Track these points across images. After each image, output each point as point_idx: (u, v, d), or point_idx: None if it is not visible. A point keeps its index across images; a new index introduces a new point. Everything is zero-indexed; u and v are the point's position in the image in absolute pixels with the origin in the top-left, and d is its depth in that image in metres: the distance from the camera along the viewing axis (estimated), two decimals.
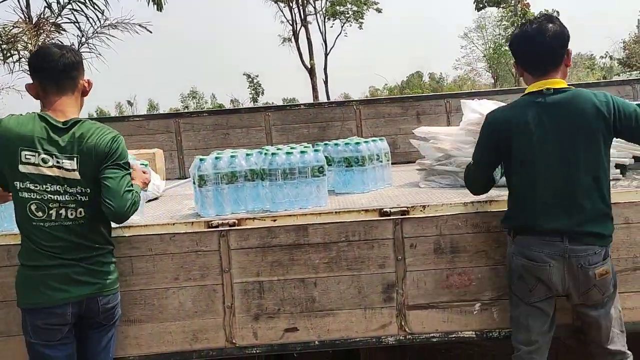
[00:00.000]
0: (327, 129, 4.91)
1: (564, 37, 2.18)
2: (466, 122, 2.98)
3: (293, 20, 24.94)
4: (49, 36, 9.18)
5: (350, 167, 3.01)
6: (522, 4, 22.82)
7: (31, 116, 2.11)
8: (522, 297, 2.25)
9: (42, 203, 2.06)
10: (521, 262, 2.21)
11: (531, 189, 2.17)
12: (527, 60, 2.23)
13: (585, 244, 2.12)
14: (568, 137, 2.12)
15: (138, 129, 4.97)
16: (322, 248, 2.47)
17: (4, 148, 2.05)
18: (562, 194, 2.13)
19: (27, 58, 8.82)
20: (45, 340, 2.08)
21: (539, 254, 2.16)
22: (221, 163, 2.64)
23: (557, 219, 2.13)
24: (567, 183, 2.13)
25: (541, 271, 2.17)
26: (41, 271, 2.07)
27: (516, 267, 2.24)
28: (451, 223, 2.47)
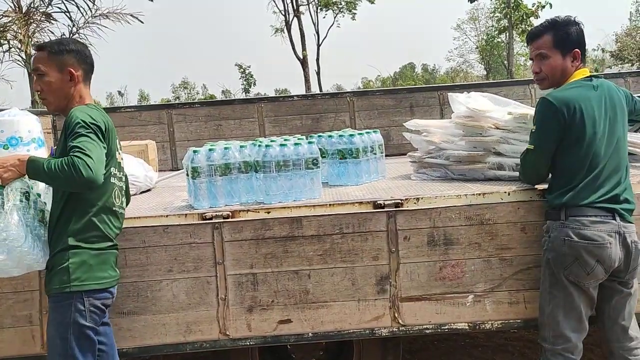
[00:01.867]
0: (320, 120, 4.89)
1: None
2: (455, 116, 2.98)
3: (285, 11, 24.79)
4: (39, 26, 9.07)
5: (344, 159, 3.01)
6: None
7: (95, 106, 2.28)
8: (577, 281, 2.25)
9: (119, 190, 2.25)
10: (579, 244, 2.22)
11: (587, 168, 2.24)
12: (585, 51, 2.42)
13: (629, 221, 2.26)
14: (614, 118, 2.30)
15: (130, 120, 4.93)
16: (315, 240, 2.48)
17: (112, 134, 2.21)
18: (613, 173, 2.26)
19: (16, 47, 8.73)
20: (94, 323, 2.12)
21: (599, 233, 2.20)
22: (214, 155, 2.62)
23: (611, 198, 2.23)
24: (616, 162, 2.27)
25: (602, 250, 2.20)
26: (106, 253, 2.17)
27: (571, 250, 2.23)
28: (444, 215, 2.48)
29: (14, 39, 8.69)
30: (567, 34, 2.37)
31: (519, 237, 2.47)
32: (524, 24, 22.76)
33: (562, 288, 2.29)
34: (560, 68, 2.38)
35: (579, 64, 2.39)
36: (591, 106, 2.26)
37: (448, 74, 46.21)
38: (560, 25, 2.41)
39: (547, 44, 2.38)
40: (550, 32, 2.39)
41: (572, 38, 2.38)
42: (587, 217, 2.22)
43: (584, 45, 2.41)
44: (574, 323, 2.28)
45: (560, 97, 2.28)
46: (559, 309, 2.29)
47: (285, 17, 24.84)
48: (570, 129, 2.25)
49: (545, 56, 2.39)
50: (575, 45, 2.38)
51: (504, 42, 29.03)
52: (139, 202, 3.03)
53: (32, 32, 8.97)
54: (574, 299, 2.27)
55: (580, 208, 2.23)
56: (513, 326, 2.59)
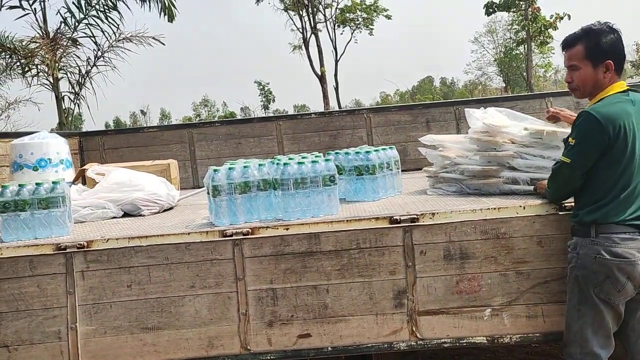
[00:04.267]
0: (338, 137, 4.97)
1: None
2: (472, 131, 3.02)
3: (303, 28, 25.12)
4: (66, 50, 9.37)
5: (361, 176, 3.07)
6: (533, 8, 22.76)
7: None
8: (608, 298, 2.23)
9: None
10: (609, 262, 2.19)
11: (621, 186, 2.20)
12: (622, 62, 2.34)
13: None
14: None
15: (153, 140, 5.07)
16: (333, 255, 2.53)
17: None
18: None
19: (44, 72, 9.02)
20: None
21: (629, 250, 2.17)
22: (234, 173, 2.71)
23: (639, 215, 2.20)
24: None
25: (633, 267, 2.17)
26: None
27: (602, 267, 2.20)
28: (460, 230, 2.51)
29: (41, 64, 9.00)
30: (599, 44, 2.29)
31: (535, 250, 2.49)
32: (543, 35, 22.66)
33: (592, 306, 2.25)
34: (591, 79, 2.31)
35: (612, 75, 2.30)
36: (632, 123, 2.20)
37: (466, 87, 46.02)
38: (593, 34, 2.32)
39: (579, 55, 2.32)
40: (582, 42, 2.32)
41: (604, 48, 2.29)
42: (618, 235, 2.19)
43: (619, 55, 2.31)
44: (602, 340, 2.26)
45: (606, 114, 2.20)
46: (588, 326, 2.27)
47: (303, 35, 25.15)
48: (613, 148, 2.19)
49: (576, 67, 2.33)
50: (607, 55, 2.28)
51: (523, 54, 28.89)
52: (162, 219, 3.12)
53: (59, 57, 9.28)
54: (603, 316, 2.24)
55: (610, 225, 2.20)
56: (532, 340, 2.59)
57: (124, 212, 3.34)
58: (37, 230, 2.73)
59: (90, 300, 2.53)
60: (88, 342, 2.53)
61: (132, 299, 2.53)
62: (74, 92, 9.71)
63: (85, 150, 5.11)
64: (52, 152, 3.94)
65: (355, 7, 26.53)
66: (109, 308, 2.53)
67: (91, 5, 9.38)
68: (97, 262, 2.53)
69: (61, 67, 9.42)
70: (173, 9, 9.78)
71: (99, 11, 9.41)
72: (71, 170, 4.11)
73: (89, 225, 3.10)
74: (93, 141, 5.15)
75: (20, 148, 3.90)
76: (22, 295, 2.53)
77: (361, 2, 26.50)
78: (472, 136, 2.99)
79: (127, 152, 5.01)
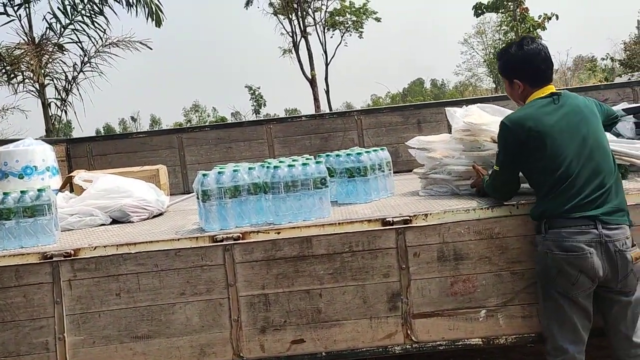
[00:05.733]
0: (329, 139, 4.94)
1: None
2: (455, 130, 3.00)
3: (293, 32, 25.13)
4: (51, 57, 9.28)
5: (353, 178, 3.03)
6: (521, 9, 22.92)
7: None
8: (565, 291, 2.25)
9: None
10: (560, 256, 2.22)
11: (558, 179, 2.26)
12: (537, 74, 2.41)
13: (616, 227, 2.21)
14: (583, 126, 2.31)
15: (142, 146, 5.02)
16: (326, 259, 2.49)
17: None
18: (591, 179, 2.24)
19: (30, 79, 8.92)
20: None
21: (577, 244, 2.20)
22: (224, 177, 2.66)
23: (589, 206, 2.22)
24: (593, 167, 2.26)
25: (582, 260, 2.19)
26: None
27: (554, 262, 2.24)
28: (454, 230, 2.48)
29: (27, 70, 8.90)
30: (503, 64, 2.50)
31: (529, 250, 2.46)
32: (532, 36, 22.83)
33: (553, 300, 2.29)
34: (511, 94, 2.51)
35: (526, 89, 2.42)
36: (548, 121, 2.30)
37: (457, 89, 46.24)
38: (501, 54, 2.53)
39: (499, 71, 2.55)
40: (498, 60, 2.54)
41: (507, 68, 2.47)
42: (566, 229, 2.22)
43: (525, 71, 2.42)
44: (569, 334, 2.27)
45: (514, 119, 2.36)
46: (553, 321, 2.31)
47: (293, 39, 25.17)
48: (528, 145, 2.30)
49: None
50: (512, 74, 2.44)
51: None
52: (151, 226, 3.07)
53: (44, 63, 9.18)
54: (565, 311, 2.26)
55: (558, 220, 2.24)
56: (527, 340, 2.56)
57: (112, 219, 3.28)
58: (22, 239, 2.67)
59: (78, 310, 2.48)
60: (76, 353, 2.48)
61: (121, 307, 2.48)
62: (61, 99, 9.61)
63: (72, 157, 5.05)
64: (38, 159, 3.88)
65: (344, 11, 26.61)
66: (98, 317, 2.48)
67: (77, 10, 9.30)
68: (84, 270, 2.48)
69: (47, 73, 9.31)
70: (160, 14, 9.72)
71: (85, 16, 9.33)
72: (58, 178, 4.05)
73: (77, 233, 3.04)
74: (81, 148, 5.09)
75: (5, 156, 3.83)
76: (7, 305, 2.47)
77: (350, 5, 26.57)
78: (455, 136, 2.97)
79: (115, 158, 4.95)
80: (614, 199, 2.25)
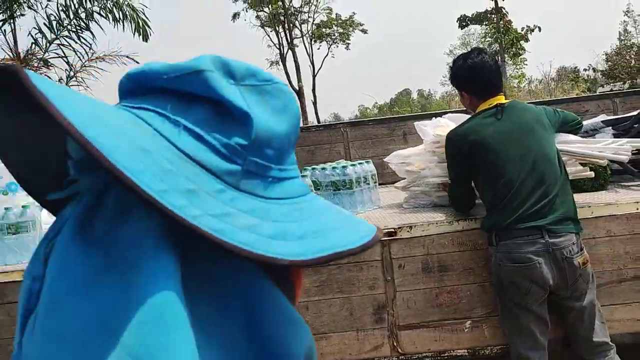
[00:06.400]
0: (315, 152, 4.95)
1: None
2: (426, 143, 3.02)
3: (280, 44, 25.25)
4: (37, 72, 9.24)
5: (338, 191, 3.06)
6: (505, 21, 23.29)
7: None
8: (519, 301, 2.27)
9: None
10: (510, 268, 2.24)
11: (502, 190, 2.29)
12: (483, 86, 2.47)
13: (563, 235, 2.22)
14: (527, 136, 2.35)
15: None
16: (312, 272, 2.50)
17: None
18: (535, 189, 2.26)
19: None
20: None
21: (526, 255, 2.21)
22: None
23: (534, 216, 2.23)
24: (538, 177, 2.28)
25: (532, 271, 2.21)
26: None
27: (505, 274, 2.26)
28: (438, 242, 2.51)
29: None
30: (452, 75, 2.57)
31: None
32: (515, 47, 23.17)
33: (508, 310, 2.32)
34: (464, 104, 2.60)
35: (474, 100, 2.49)
36: (490, 133, 2.35)
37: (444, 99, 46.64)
38: (451, 66, 2.59)
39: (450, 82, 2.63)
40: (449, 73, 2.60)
41: (456, 79, 2.55)
42: (514, 240, 2.24)
43: (472, 82, 2.48)
44: (528, 342, 2.28)
45: (457, 132, 2.45)
46: (514, 330, 2.33)
47: (280, 50, 25.28)
48: (472, 157, 2.37)
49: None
50: (460, 85, 2.53)
51: None
52: None
53: None
54: (522, 320, 2.28)
55: (506, 231, 2.26)
56: None
57: None
58: (6, 256, 2.65)
59: None
60: None
61: None
62: None
63: None
64: None
65: (331, 23, 26.81)
66: None
67: (63, 25, 9.29)
68: None
69: None
70: (147, 28, 9.73)
71: (71, 31, 9.31)
72: None
73: None
74: None
75: None
76: None
77: (337, 17, 26.79)
78: (428, 149, 2.99)
79: None
80: (560, 208, 2.26)
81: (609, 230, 2.50)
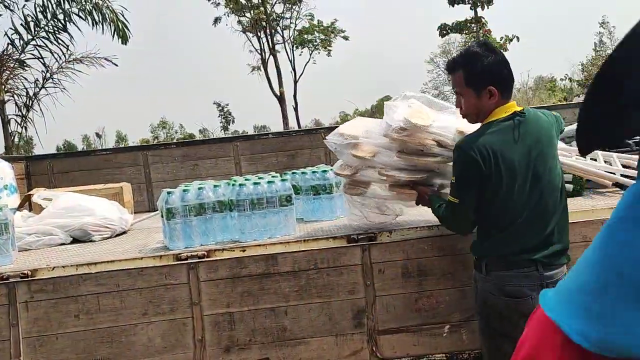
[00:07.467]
0: (296, 157, 4.95)
1: None
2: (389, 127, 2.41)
3: (261, 50, 25.21)
4: (12, 72, 9.06)
5: (318, 195, 3.05)
6: (484, 30, 23.64)
7: None
8: (509, 333, 1.99)
9: None
10: (500, 300, 2.07)
11: (506, 219, 2.06)
12: (508, 82, 2.13)
13: (556, 267, 2.07)
14: (541, 156, 2.08)
15: (105, 163, 4.92)
16: (291, 276, 2.49)
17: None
18: (537, 221, 2.06)
19: None
20: None
21: (520, 288, 2.03)
22: (189, 195, 2.64)
23: (532, 248, 2.05)
24: (542, 207, 2.07)
25: (523, 305, 2.01)
26: None
27: (494, 306, 2.10)
28: (417, 247, 2.52)
29: None
30: (477, 69, 2.08)
31: None
32: None
33: (490, 337, 2.16)
34: (475, 106, 2.12)
35: (497, 100, 2.08)
36: (510, 152, 2.03)
37: None
38: (471, 59, 2.11)
39: (460, 81, 2.13)
40: (461, 68, 2.12)
41: (483, 73, 2.08)
42: (508, 272, 2.05)
43: (501, 78, 2.10)
44: None
45: (476, 145, 2.04)
46: (492, 353, 2.16)
47: (262, 56, 25.23)
48: (490, 179, 2.03)
49: (460, 94, 2.15)
50: (488, 81, 2.08)
51: None
52: (114, 245, 3.01)
53: (5, 79, 8.95)
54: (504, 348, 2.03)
55: (499, 262, 2.07)
56: None
57: (73, 238, 3.20)
58: None
59: (35, 333, 2.40)
60: None
61: (80, 329, 2.41)
62: (21, 115, 9.36)
63: (32, 174, 4.91)
64: None
65: (313, 29, 26.86)
66: (55, 340, 2.40)
67: (40, 26, 9.13)
68: (42, 291, 2.41)
69: (7, 89, 9.08)
70: (127, 31, 9.62)
71: (48, 32, 9.16)
72: (16, 196, 3.94)
73: (35, 253, 2.95)
74: (41, 165, 4.96)
75: None
76: None
77: (319, 24, 26.86)
78: (391, 135, 2.40)
79: (78, 175, 4.84)
80: (556, 242, 2.09)
81: (585, 236, 2.53)
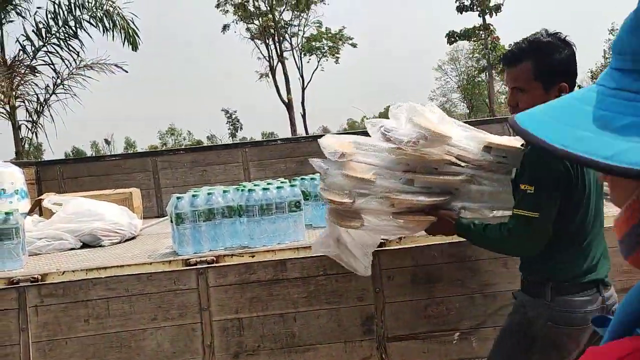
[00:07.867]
0: (304, 163, 4.93)
1: None
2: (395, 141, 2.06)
3: (270, 57, 25.34)
4: (23, 78, 9.17)
5: None
6: (492, 37, 23.64)
7: None
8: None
9: None
10: (563, 330, 1.78)
11: (580, 235, 1.80)
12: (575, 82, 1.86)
13: (611, 287, 1.85)
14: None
15: (115, 169, 4.96)
16: (300, 282, 2.48)
17: None
18: (598, 237, 1.84)
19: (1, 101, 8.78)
20: None
21: (583, 315, 1.75)
22: (198, 200, 2.65)
23: (596, 268, 1.81)
24: (600, 223, 1.86)
25: (585, 333, 1.77)
26: None
27: (553, 335, 1.79)
28: (427, 253, 2.50)
29: None
30: (551, 62, 1.78)
31: (500, 272, 2.50)
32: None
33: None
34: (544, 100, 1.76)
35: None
36: None
37: None
38: (544, 49, 1.79)
39: (526, 74, 1.80)
40: (530, 59, 1.79)
41: (558, 68, 1.78)
42: (575, 296, 1.77)
43: (574, 74, 1.82)
44: None
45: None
46: None
47: (270, 63, 25.36)
48: (576, 187, 1.75)
49: (522, 89, 1.81)
50: (561, 76, 1.78)
51: (484, 81, 29.81)
52: (123, 250, 3.02)
53: (16, 85, 9.06)
54: None
55: (566, 285, 1.78)
56: None
57: (82, 243, 3.22)
58: None
59: (45, 337, 2.41)
60: None
61: (90, 334, 2.41)
62: (32, 121, 9.46)
63: (42, 180, 4.95)
64: (6, 182, 3.80)
65: (321, 36, 26.98)
66: (65, 345, 2.41)
67: (51, 32, 9.24)
68: (51, 296, 2.42)
69: (18, 95, 9.18)
70: (137, 38, 9.71)
71: (60, 39, 9.26)
72: (27, 201, 3.97)
73: (45, 257, 2.97)
74: (51, 170, 5.00)
75: None
76: None
77: (327, 31, 26.97)
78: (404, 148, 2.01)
79: (87, 181, 4.87)
80: (608, 255, 1.87)
81: None
